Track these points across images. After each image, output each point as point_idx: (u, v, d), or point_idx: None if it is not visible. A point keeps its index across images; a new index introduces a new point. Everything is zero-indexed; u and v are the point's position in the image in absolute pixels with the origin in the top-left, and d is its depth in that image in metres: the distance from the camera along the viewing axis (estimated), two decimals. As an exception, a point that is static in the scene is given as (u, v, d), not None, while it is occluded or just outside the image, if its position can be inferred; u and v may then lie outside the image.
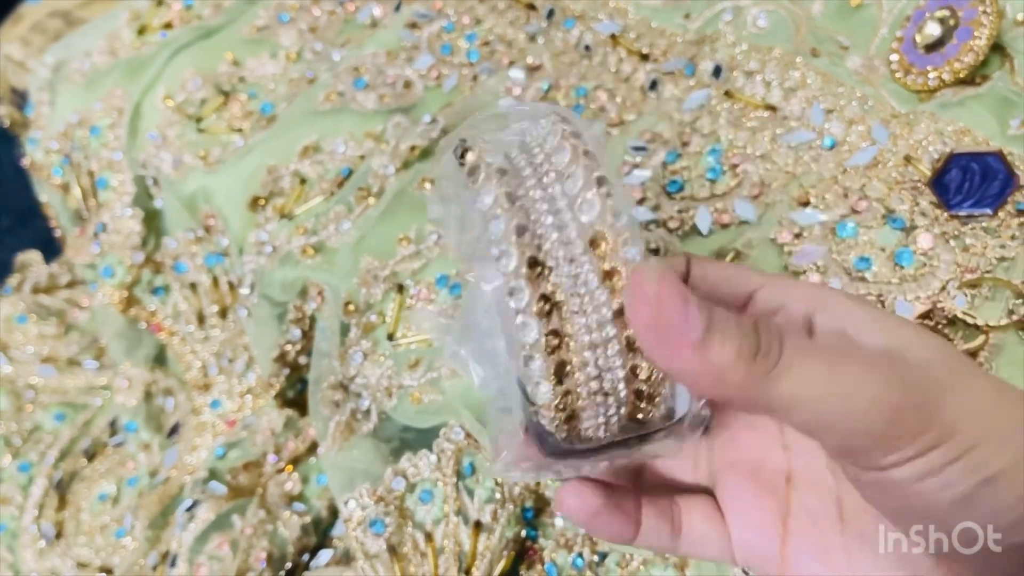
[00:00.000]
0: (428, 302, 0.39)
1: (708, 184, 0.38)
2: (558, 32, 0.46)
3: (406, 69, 0.47)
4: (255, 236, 0.43)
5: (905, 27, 0.39)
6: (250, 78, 0.50)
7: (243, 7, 0.53)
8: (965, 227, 0.33)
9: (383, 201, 0.41)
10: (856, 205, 0.34)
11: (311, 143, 0.44)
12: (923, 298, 0.31)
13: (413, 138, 0.43)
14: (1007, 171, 0.33)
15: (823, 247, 0.33)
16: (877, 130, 0.36)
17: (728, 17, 0.42)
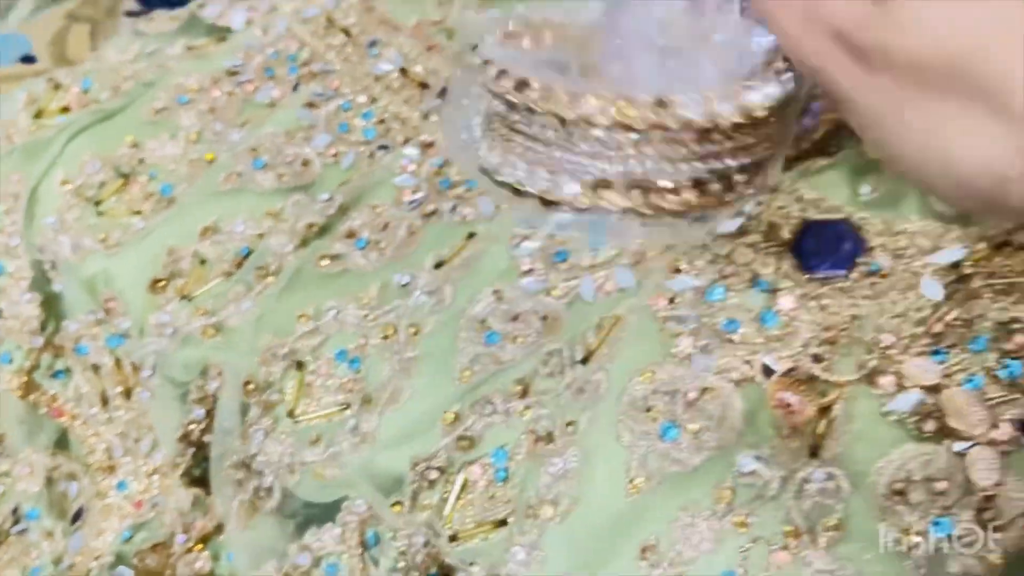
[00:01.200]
0: (327, 378, 0.40)
1: (591, 253, 0.40)
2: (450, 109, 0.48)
3: (304, 148, 0.48)
4: (156, 318, 0.43)
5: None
6: (150, 160, 0.50)
7: (142, 90, 0.54)
8: (823, 288, 0.35)
9: (281, 279, 0.42)
10: (724, 271, 0.37)
11: (211, 224, 0.45)
12: (786, 357, 0.34)
13: (311, 216, 0.44)
14: (856, 236, 0.36)
15: (694, 311, 0.36)
16: (742, 199, 0.39)
17: (607, 94, 0.45)
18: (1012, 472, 0.29)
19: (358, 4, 0.56)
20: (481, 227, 0.42)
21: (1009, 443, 0.29)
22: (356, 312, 0.41)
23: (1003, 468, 0.29)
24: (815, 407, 0.32)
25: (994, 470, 0.29)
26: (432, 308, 0.40)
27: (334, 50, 0.54)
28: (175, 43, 0.57)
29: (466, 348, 0.38)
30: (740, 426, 0.33)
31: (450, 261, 0.41)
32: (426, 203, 0.44)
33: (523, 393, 0.36)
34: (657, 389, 0.34)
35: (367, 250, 0.43)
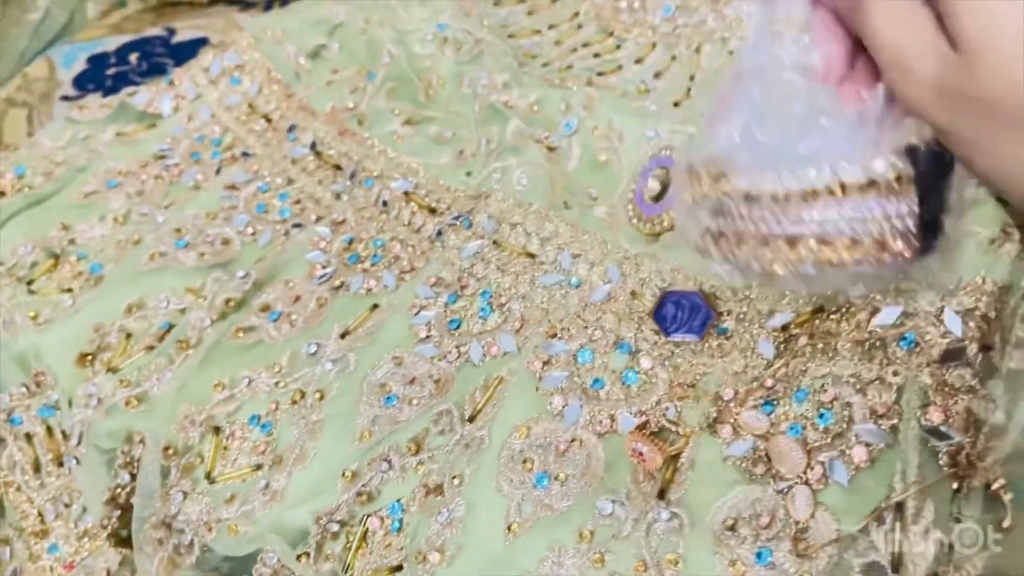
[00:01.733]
0: (242, 441, 0.43)
1: (480, 321, 0.44)
2: (360, 190, 0.53)
3: (225, 228, 0.52)
4: (83, 390, 0.47)
5: (637, 181, 0.48)
6: (79, 240, 0.54)
7: (73, 175, 0.58)
8: (677, 350, 0.40)
9: (200, 351, 0.46)
10: (593, 335, 0.42)
11: (136, 301, 0.49)
12: (643, 411, 0.39)
13: (228, 291, 0.48)
14: (708, 306, 0.41)
15: (566, 372, 0.40)
16: (612, 270, 0.44)
17: (498, 176, 0.50)
18: (821, 507, 0.34)
19: (278, 91, 0.61)
20: (384, 299, 0.47)
21: (820, 482, 0.34)
22: (268, 380, 0.45)
23: (815, 504, 0.34)
24: (664, 455, 0.37)
25: (808, 506, 0.34)
26: (337, 374, 0.44)
27: (255, 135, 0.59)
28: (106, 129, 0.61)
29: (367, 411, 0.42)
30: (601, 473, 0.37)
31: (354, 331, 0.46)
32: (335, 277, 0.49)
33: (416, 450, 0.40)
34: (533, 443, 0.39)
35: (279, 322, 0.47)
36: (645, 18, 0.59)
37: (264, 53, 0.63)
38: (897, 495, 0.33)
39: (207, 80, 0.62)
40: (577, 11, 0.62)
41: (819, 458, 0.35)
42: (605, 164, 0.50)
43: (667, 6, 0.58)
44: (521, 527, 0.37)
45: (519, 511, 0.37)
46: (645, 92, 0.54)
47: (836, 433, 0.35)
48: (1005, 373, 0.34)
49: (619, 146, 0.50)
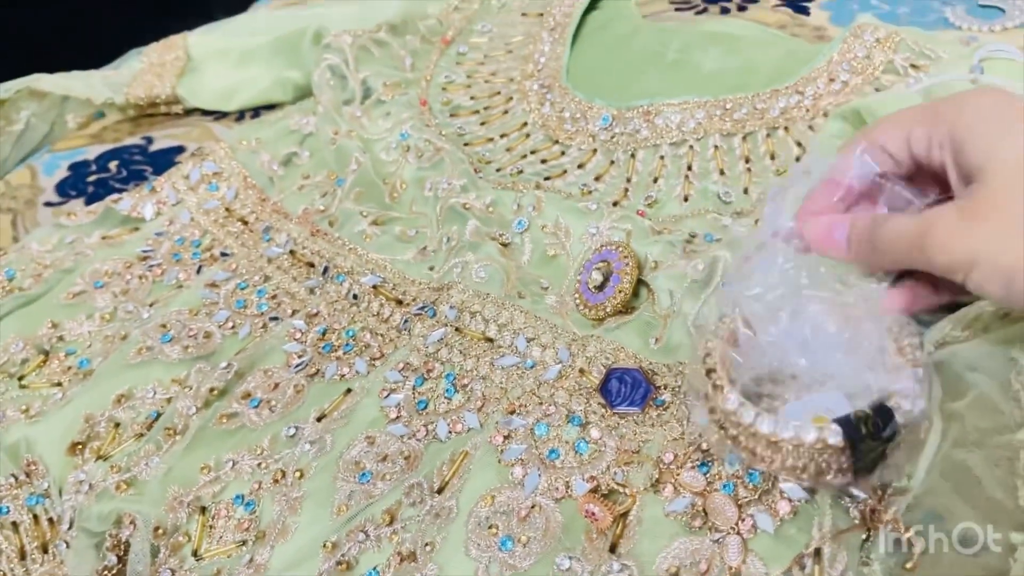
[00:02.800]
0: (227, 519, 0.47)
1: (445, 401, 0.49)
2: (332, 285, 0.58)
3: (206, 323, 0.57)
4: (74, 477, 0.50)
5: (581, 273, 0.54)
6: (68, 337, 0.58)
7: (60, 276, 0.62)
8: (622, 420, 0.45)
9: (186, 437, 0.50)
10: (547, 411, 0.47)
11: (124, 392, 0.53)
12: (594, 476, 0.43)
13: (211, 381, 0.52)
14: (647, 381, 0.46)
15: (524, 445, 0.45)
16: (562, 352, 0.49)
17: (459, 270, 0.56)
18: (752, 554, 0.39)
19: (254, 196, 0.66)
20: (356, 384, 0.51)
21: (750, 532, 0.39)
22: (251, 461, 0.48)
23: (746, 551, 0.39)
24: (613, 514, 0.41)
25: (740, 553, 0.39)
26: (315, 455, 0.48)
27: (232, 236, 0.64)
28: (92, 233, 0.65)
29: (343, 487, 0.46)
30: (559, 534, 0.41)
31: (330, 414, 0.50)
32: (310, 365, 0.53)
33: (390, 521, 0.44)
34: (497, 510, 0.43)
35: (260, 408, 0.51)
36: (586, 127, 0.66)
37: (240, 161, 0.69)
38: (816, 542, 0.38)
39: (187, 186, 0.68)
40: (526, 121, 0.69)
41: (749, 511, 0.40)
42: (554, 258, 0.56)
43: (604, 116, 0.66)
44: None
45: (487, 572, 0.41)
46: (588, 194, 0.61)
47: (763, 490, 0.40)
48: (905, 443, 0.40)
49: (566, 241, 0.56)
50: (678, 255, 0.52)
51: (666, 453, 0.43)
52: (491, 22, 0.79)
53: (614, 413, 0.46)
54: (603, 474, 0.43)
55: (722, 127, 0.62)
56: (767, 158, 0.60)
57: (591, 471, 0.44)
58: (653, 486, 0.42)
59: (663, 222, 0.57)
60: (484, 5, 0.81)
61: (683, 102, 0.64)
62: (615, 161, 0.63)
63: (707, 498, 0.41)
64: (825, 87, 0.63)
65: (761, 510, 0.40)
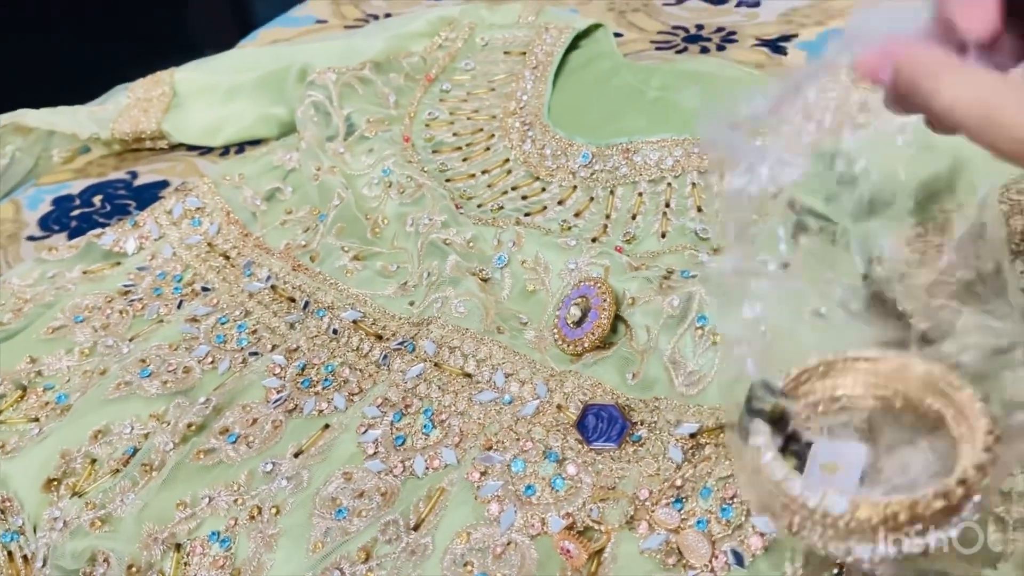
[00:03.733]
0: (203, 556, 0.46)
1: (423, 437, 0.49)
2: (312, 320, 0.58)
3: (186, 358, 0.57)
4: (49, 513, 0.49)
5: (560, 308, 0.54)
6: (46, 372, 0.58)
7: (41, 311, 0.62)
8: (599, 457, 0.46)
9: (163, 473, 0.50)
10: (524, 446, 0.47)
11: (101, 427, 0.53)
12: (569, 513, 0.43)
13: (189, 416, 0.52)
14: (623, 417, 0.46)
15: (501, 481, 0.45)
16: (540, 387, 0.49)
17: (438, 305, 0.56)
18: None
19: (236, 231, 0.67)
20: (334, 419, 0.51)
21: (723, 569, 0.39)
22: (227, 497, 0.48)
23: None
24: (588, 552, 0.41)
25: None
26: (291, 491, 0.48)
27: (214, 271, 0.64)
28: (74, 268, 0.65)
29: (319, 523, 0.46)
30: (534, 571, 0.41)
31: (307, 450, 0.50)
32: (289, 400, 0.53)
33: (366, 558, 0.44)
34: (472, 547, 0.43)
35: (237, 444, 0.51)
36: (567, 164, 0.67)
37: (223, 196, 0.69)
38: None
39: (169, 221, 0.68)
40: (507, 158, 0.70)
41: (722, 547, 0.40)
42: (533, 293, 0.57)
43: (584, 153, 0.66)
44: (463, 624, 0.41)
45: (461, 610, 0.41)
46: (568, 230, 0.62)
47: (736, 525, 0.41)
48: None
49: (545, 277, 0.57)
50: (655, 291, 0.52)
51: (641, 490, 0.43)
52: (474, 60, 0.80)
53: (591, 449, 0.46)
54: (579, 511, 0.43)
55: (700, 164, 0.63)
56: (744, 195, 0.61)
57: (567, 507, 0.44)
58: (628, 523, 0.42)
59: (641, 258, 0.57)
60: (468, 43, 0.82)
61: (661, 140, 0.65)
62: (595, 198, 0.64)
63: (680, 535, 0.41)
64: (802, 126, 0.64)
65: (734, 546, 0.40)
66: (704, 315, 0.49)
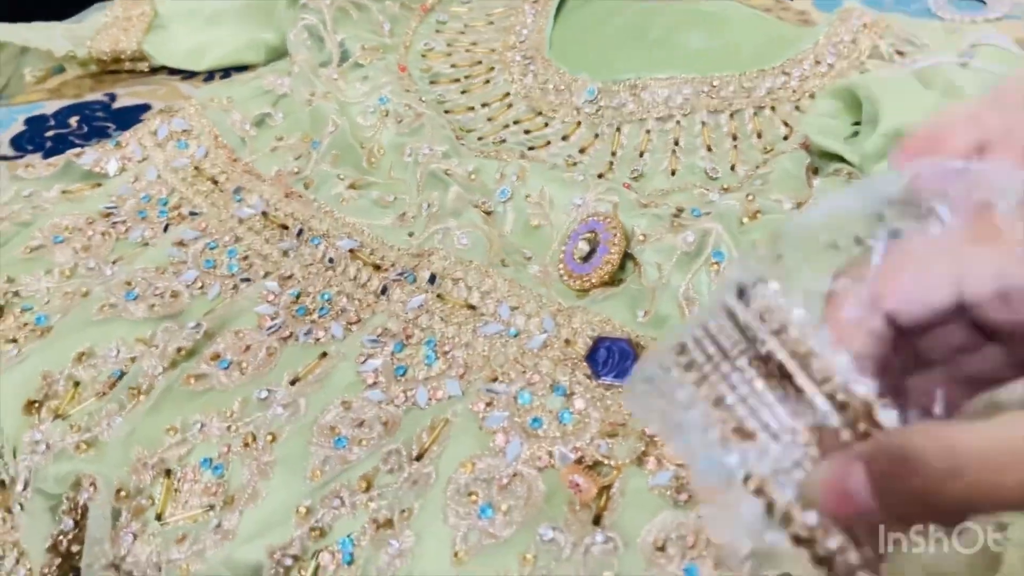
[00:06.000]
0: (194, 483, 0.45)
1: (425, 368, 0.48)
2: (307, 248, 0.56)
3: (174, 282, 0.54)
4: (30, 436, 0.47)
5: (566, 243, 0.53)
6: (24, 293, 0.55)
7: (17, 229, 0.59)
8: (607, 392, 0.44)
9: (152, 397, 0.48)
10: (531, 379, 0.45)
11: (85, 350, 0.50)
12: (578, 447, 0.42)
13: (179, 340, 0.50)
14: (635, 353, 0.45)
15: (507, 412, 0.44)
16: (547, 321, 0.48)
17: (440, 236, 0.54)
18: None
19: (224, 156, 0.64)
20: (332, 348, 0.50)
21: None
22: (220, 424, 0.46)
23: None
24: (598, 486, 0.40)
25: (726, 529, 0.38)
26: (288, 418, 0.46)
27: (201, 195, 0.61)
28: (52, 187, 0.62)
29: (317, 451, 0.44)
30: (542, 504, 0.40)
31: (304, 378, 0.48)
32: (283, 328, 0.51)
33: (367, 487, 0.43)
34: (477, 477, 0.42)
35: (230, 370, 0.49)
36: (570, 99, 0.65)
37: (211, 119, 0.66)
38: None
39: (154, 143, 0.65)
40: (508, 92, 0.68)
41: (735, 484, 0.39)
42: (537, 228, 0.55)
43: (590, 89, 0.65)
44: (467, 554, 0.39)
45: (465, 540, 0.40)
46: (572, 165, 0.60)
47: (749, 462, 0.40)
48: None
49: (550, 212, 0.55)
50: (666, 228, 0.51)
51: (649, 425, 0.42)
52: (472, -8, 0.77)
53: (599, 384, 0.45)
54: (587, 445, 0.42)
55: (709, 104, 0.61)
56: (754, 136, 0.60)
57: (575, 442, 0.43)
58: (638, 459, 0.41)
59: (649, 196, 0.56)
60: (465, -25, 0.79)
61: (670, 78, 0.63)
62: (599, 134, 0.62)
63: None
64: (811, 69, 0.63)
65: (748, 483, 0.39)
66: (720, 251, 0.48)
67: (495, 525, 0.40)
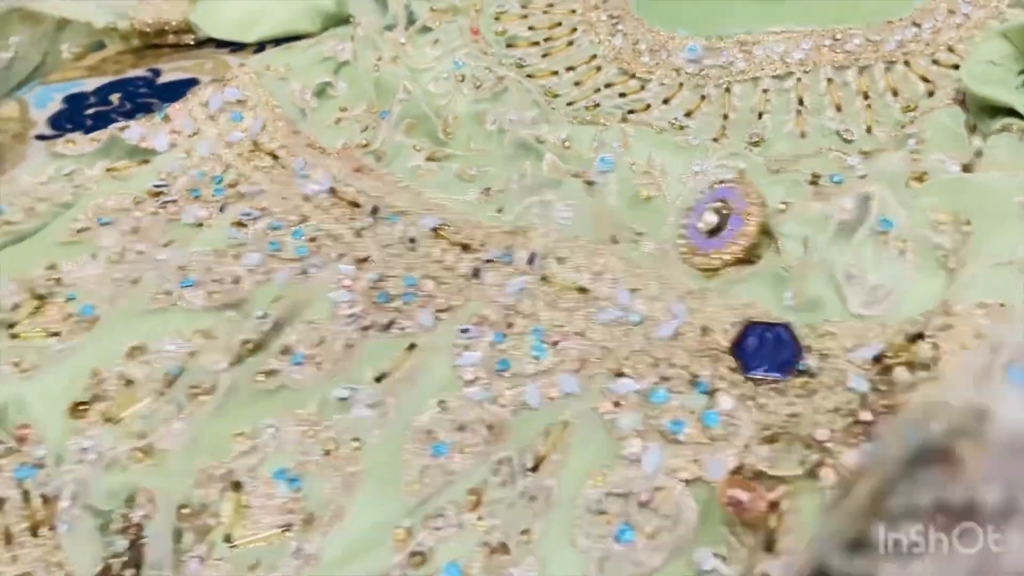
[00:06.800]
0: (266, 498, 0.38)
1: (534, 362, 0.41)
2: (383, 227, 0.49)
3: (234, 266, 0.48)
4: (77, 443, 0.41)
5: (688, 216, 0.45)
6: (67, 280, 0.49)
7: (58, 210, 0.53)
8: (759, 388, 0.37)
9: (216, 398, 0.41)
10: (665, 373, 0.38)
11: (137, 344, 0.44)
12: (730, 455, 0.35)
13: (245, 333, 0.44)
14: (795, 342, 0.38)
15: (640, 413, 0.37)
16: (675, 306, 0.41)
17: (537, 211, 0.47)
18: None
19: (283, 128, 0.58)
20: (422, 339, 0.43)
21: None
22: (295, 429, 0.40)
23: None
24: (765, 503, 0.33)
25: None
26: (375, 422, 0.39)
27: (261, 172, 0.55)
28: (94, 165, 0.56)
29: (412, 460, 0.38)
30: (695, 525, 0.33)
31: (392, 374, 0.41)
32: (363, 317, 0.44)
33: (476, 504, 0.36)
34: (610, 492, 0.35)
35: (304, 366, 0.42)
36: (668, 59, 0.58)
37: (267, 89, 0.60)
38: None
39: (206, 115, 0.58)
40: (595, 54, 0.61)
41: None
42: (647, 200, 0.48)
43: (691, 47, 0.57)
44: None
45: (601, 569, 0.33)
46: (680, 129, 0.53)
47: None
48: None
49: (661, 181, 0.48)
50: (808, 196, 0.43)
51: (819, 429, 0.35)
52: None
53: (748, 379, 0.37)
54: (743, 453, 0.35)
55: (833, 59, 0.54)
56: (888, 94, 0.52)
57: (726, 449, 0.35)
58: (810, 471, 0.34)
59: (777, 162, 0.48)
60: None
61: (786, 31, 0.56)
62: (706, 96, 0.55)
63: (881, 484, 0.33)
64: (944, 20, 0.55)
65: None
66: (887, 219, 0.40)
67: (638, 551, 0.33)
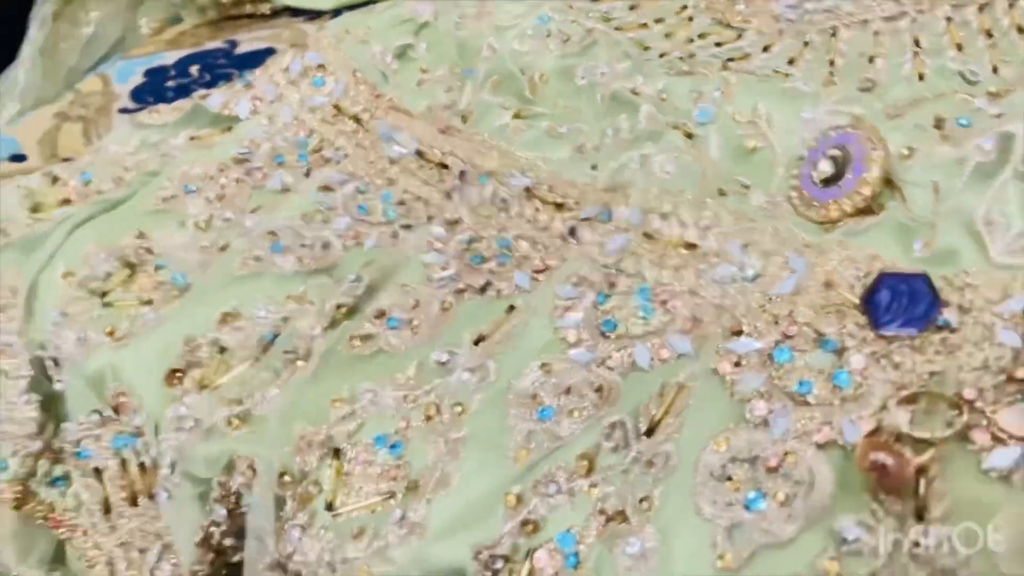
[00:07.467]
0: (367, 465, 0.37)
1: (641, 322, 0.38)
2: (473, 188, 0.47)
3: (323, 231, 0.47)
4: (174, 411, 0.40)
5: (800, 166, 0.42)
6: (157, 249, 0.48)
7: (145, 179, 0.52)
8: (892, 345, 0.34)
9: (312, 363, 0.40)
10: (788, 331, 0.35)
11: (230, 310, 0.43)
12: (866, 417, 0.32)
13: (338, 297, 0.42)
14: (933, 294, 0.34)
15: (763, 374, 0.34)
16: (793, 260, 0.38)
17: (635, 166, 0.45)
18: None
19: (366, 92, 0.56)
20: (520, 300, 0.41)
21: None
22: (394, 394, 0.38)
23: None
24: (912, 468, 0.30)
25: None
26: (476, 386, 0.38)
27: (345, 136, 0.54)
28: (179, 133, 0.56)
29: (518, 425, 0.36)
30: (832, 491, 0.31)
31: (491, 336, 0.39)
32: (457, 279, 0.43)
33: (588, 470, 0.34)
34: (735, 457, 0.32)
35: (400, 329, 0.41)
36: (765, 6, 0.54)
37: (347, 53, 0.58)
38: None
39: (287, 80, 0.57)
40: (685, 4, 0.57)
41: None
42: (753, 151, 0.45)
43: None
44: (736, 557, 0.30)
45: (730, 538, 0.31)
46: (785, 77, 0.49)
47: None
48: None
49: (768, 131, 0.45)
50: (934, 140, 0.40)
51: (966, 388, 0.32)
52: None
53: (880, 336, 0.34)
54: (878, 414, 0.32)
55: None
56: (1013, 32, 0.48)
57: (861, 411, 0.32)
58: (959, 433, 0.31)
59: (896, 108, 0.45)
60: None
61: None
62: (809, 42, 0.51)
63: (1043, 446, 0.30)
64: (1072, -48, 0.50)
65: None
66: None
67: (770, 520, 0.30)
